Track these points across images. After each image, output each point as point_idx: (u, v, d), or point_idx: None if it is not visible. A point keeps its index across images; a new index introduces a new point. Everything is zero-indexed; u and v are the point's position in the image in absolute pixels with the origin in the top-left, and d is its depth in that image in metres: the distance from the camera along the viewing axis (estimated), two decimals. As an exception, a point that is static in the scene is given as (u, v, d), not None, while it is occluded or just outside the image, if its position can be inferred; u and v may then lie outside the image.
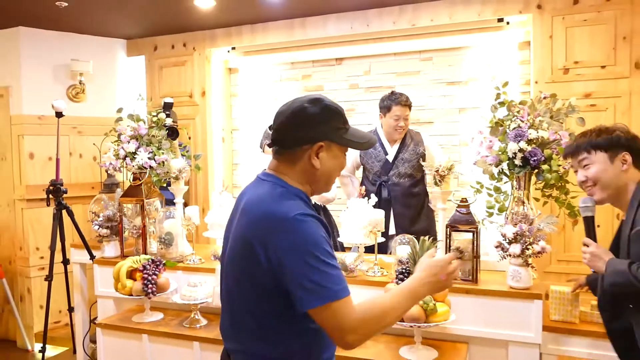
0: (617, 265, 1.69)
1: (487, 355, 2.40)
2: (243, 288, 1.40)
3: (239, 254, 1.40)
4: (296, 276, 1.28)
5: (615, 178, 1.78)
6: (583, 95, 3.36)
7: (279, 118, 1.45)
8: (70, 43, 4.42)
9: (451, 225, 2.43)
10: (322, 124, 1.41)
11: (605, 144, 1.79)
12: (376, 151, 3.44)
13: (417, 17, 3.78)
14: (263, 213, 1.36)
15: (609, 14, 3.29)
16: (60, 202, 3.40)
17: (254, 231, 1.35)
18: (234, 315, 1.46)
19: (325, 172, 1.45)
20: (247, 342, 1.43)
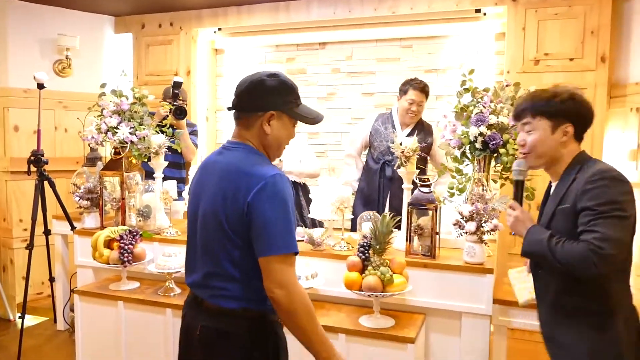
0: (536, 234, 1.68)
1: (442, 325, 2.55)
2: (222, 237, 1.57)
3: (219, 207, 1.56)
4: (266, 224, 1.49)
5: (552, 149, 1.72)
6: (552, 86, 3.48)
7: (239, 87, 1.63)
8: (58, 18, 4.48)
9: (412, 203, 2.57)
10: (276, 96, 1.60)
11: (550, 112, 1.70)
12: (387, 131, 3.52)
13: (397, 4, 3.89)
14: (243, 172, 1.55)
15: (579, 8, 3.42)
16: (42, 173, 3.49)
17: (236, 187, 1.54)
18: (210, 263, 1.62)
19: (275, 138, 1.64)
20: (224, 285, 1.59)
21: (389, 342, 2.33)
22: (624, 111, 3.50)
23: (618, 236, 1.54)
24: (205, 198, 1.63)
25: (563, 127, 1.69)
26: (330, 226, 2.88)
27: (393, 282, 2.32)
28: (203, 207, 1.63)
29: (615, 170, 1.64)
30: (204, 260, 1.64)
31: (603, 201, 1.56)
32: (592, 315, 1.65)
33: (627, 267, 1.68)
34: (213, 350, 1.62)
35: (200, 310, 1.65)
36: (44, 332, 3.87)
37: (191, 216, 1.71)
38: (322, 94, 4.52)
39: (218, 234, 1.58)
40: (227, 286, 1.59)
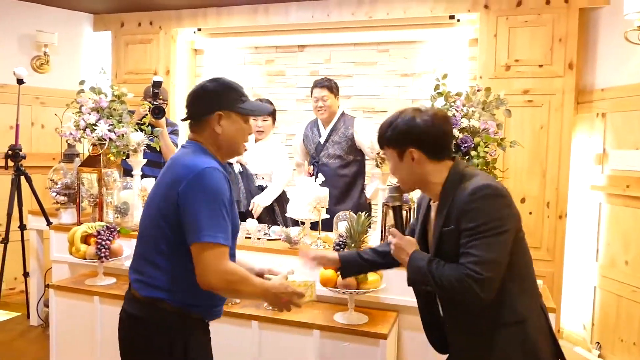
0: (417, 261, 1.61)
1: (414, 322, 2.60)
2: (154, 224, 1.66)
3: (158, 197, 1.68)
4: (191, 213, 1.56)
5: (408, 174, 1.66)
6: (522, 92, 3.62)
7: (187, 98, 1.76)
8: (37, 14, 4.46)
9: (386, 203, 2.65)
10: (220, 97, 1.71)
11: (390, 140, 1.65)
12: (313, 134, 3.67)
13: (374, 9, 3.97)
14: (181, 164, 1.66)
15: (548, 17, 3.55)
16: (19, 168, 3.47)
17: (173, 178, 1.63)
18: (142, 248, 1.72)
19: (228, 137, 1.73)
20: (147, 271, 1.67)
21: (363, 337, 2.40)
22: (590, 116, 3.64)
23: (493, 257, 1.48)
24: (153, 188, 1.76)
25: (407, 152, 1.61)
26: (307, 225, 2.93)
27: (367, 280, 2.39)
28: (148, 202, 1.74)
29: (491, 183, 1.56)
30: (139, 245, 1.74)
31: (481, 222, 1.49)
32: (503, 328, 1.57)
33: (527, 273, 1.63)
34: (125, 333, 1.72)
35: (128, 294, 1.76)
36: (17, 327, 3.85)
37: (143, 211, 1.83)
38: (300, 96, 4.58)
39: (152, 221, 1.67)
40: (151, 274, 1.66)
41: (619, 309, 3.38)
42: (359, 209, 3.14)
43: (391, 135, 1.64)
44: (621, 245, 3.38)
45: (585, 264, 3.68)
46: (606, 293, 3.50)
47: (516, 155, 3.60)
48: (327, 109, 3.55)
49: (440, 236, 1.61)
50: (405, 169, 1.65)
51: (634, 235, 3.28)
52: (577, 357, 3.57)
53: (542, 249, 3.62)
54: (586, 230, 3.70)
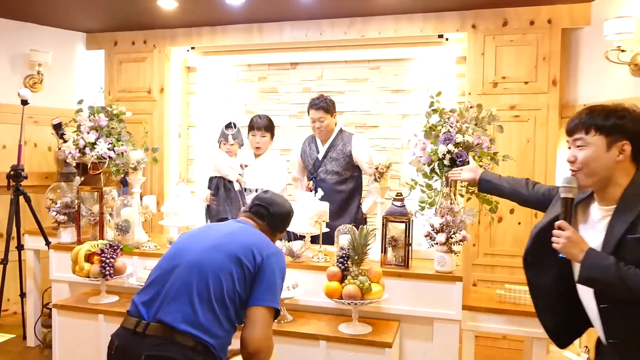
0: (598, 259, 1.56)
1: (415, 331, 2.72)
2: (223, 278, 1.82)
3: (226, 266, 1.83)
4: (271, 280, 1.85)
5: (605, 167, 1.60)
6: (509, 107, 3.77)
7: (275, 206, 2.15)
8: (30, 33, 4.49)
9: (386, 216, 2.75)
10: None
11: (606, 127, 1.58)
12: (311, 150, 3.75)
13: (366, 29, 4.11)
14: (257, 239, 1.97)
15: (532, 36, 3.73)
16: (18, 188, 3.49)
17: (249, 251, 1.88)
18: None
19: None
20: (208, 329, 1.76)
21: (368, 347, 2.48)
22: (573, 131, 3.81)
23: None
24: (205, 248, 1.88)
25: (620, 144, 1.58)
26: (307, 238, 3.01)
27: (371, 291, 2.48)
28: (200, 255, 1.86)
29: None
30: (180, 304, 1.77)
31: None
32: None
33: None
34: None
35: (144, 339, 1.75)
36: (14, 349, 3.81)
37: (176, 256, 1.91)
38: (293, 112, 4.68)
39: (222, 274, 1.81)
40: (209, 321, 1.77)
41: (606, 315, 3.52)
42: (356, 224, 3.23)
43: (614, 123, 1.58)
44: (607, 253, 3.53)
45: (573, 271, 3.82)
46: (593, 299, 3.64)
47: (505, 168, 3.72)
48: (324, 129, 3.63)
49: (620, 243, 1.55)
50: (605, 161, 1.60)
51: (619, 243, 3.42)
52: (568, 362, 3.69)
53: (531, 258, 3.75)
54: (573, 239, 3.84)
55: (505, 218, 3.81)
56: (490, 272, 3.85)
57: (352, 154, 3.62)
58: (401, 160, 4.37)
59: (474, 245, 3.88)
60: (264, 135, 3.68)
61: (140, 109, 4.57)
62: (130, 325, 1.78)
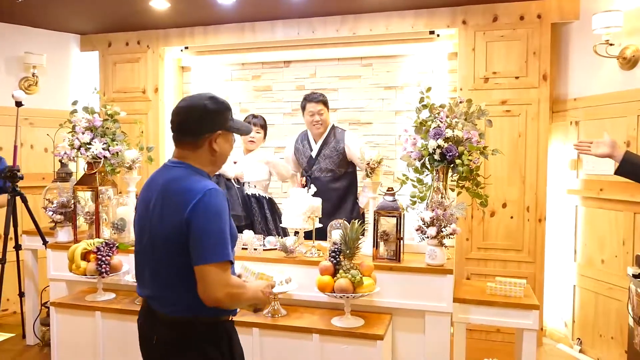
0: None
1: (407, 324, 2.76)
2: (167, 249, 1.70)
3: (166, 226, 1.68)
4: (198, 237, 1.63)
5: None
6: (500, 102, 3.81)
7: (181, 113, 1.76)
8: (24, 36, 4.52)
9: (378, 211, 2.78)
10: (220, 116, 1.77)
11: None
12: (304, 148, 3.77)
13: (357, 26, 4.14)
14: (181, 188, 1.69)
15: (522, 31, 3.76)
16: (15, 189, 3.52)
17: (176, 204, 1.67)
18: (160, 279, 1.75)
19: (222, 154, 1.81)
20: (164, 290, 1.74)
21: (360, 339, 2.52)
22: (564, 124, 3.85)
23: None
24: (151, 217, 1.74)
25: None
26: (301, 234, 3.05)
27: (363, 284, 2.52)
28: (150, 226, 1.74)
29: None
30: (155, 277, 1.76)
31: None
32: None
33: None
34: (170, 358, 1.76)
35: (155, 320, 1.78)
36: (14, 347, 3.85)
37: (139, 232, 1.84)
38: (287, 110, 4.71)
39: (166, 249, 1.69)
40: (178, 298, 1.73)
41: (597, 306, 3.57)
42: (354, 218, 3.27)
43: None
44: (597, 246, 3.58)
45: (565, 264, 3.87)
46: (585, 291, 3.68)
47: (496, 162, 3.78)
48: (323, 122, 3.66)
49: None
50: None
51: (609, 236, 3.47)
52: (560, 353, 3.73)
53: (523, 251, 3.80)
54: (564, 232, 3.89)
55: (497, 212, 3.85)
56: (483, 266, 3.89)
57: (345, 151, 3.65)
58: (395, 156, 4.40)
59: (468, 240, 3.92)
60: (259, 131, 3.73)
61: (135, 109, 4.61)
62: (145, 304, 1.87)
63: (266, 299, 1.86)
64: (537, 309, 2.64)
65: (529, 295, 2.77)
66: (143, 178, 4.41)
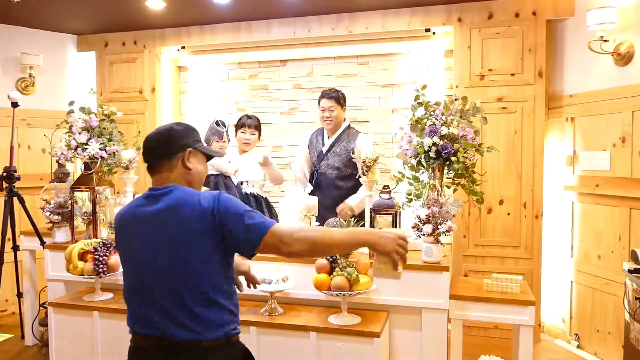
0: None
1: (404, 321, 2.77)
2: (190, 271, 1.63)
3: (184, 237, 1.63)
4: (239, 219, 1.64)
5: None
6: (496, 99, 3.82)
7: (152, 141, 1.78)
8: (21, 37, 4.52)
9: (374, 209, 2.79)
10: (187, 137, 1.81)
11: None
12: (317, 142, 3.75)
13: (353, 24, 4.15)
14: (189, 201, 1.66)
15: (518, 28, 3.77)
16: (12, 190, 3.53)
17: (190, 213, 1.64)
18: (176, 308, 1.64)
19: (197, 173, 1.82)
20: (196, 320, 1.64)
21: (357, 337, 2.52)
22: (560, 121, 3.86)
23: None
24: (151, 250, 1.66)
25: None
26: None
27: (359, 282, 2.53)
28: (153, 260, 1.66)
29: None
30: (167, 309, 1.65)
31: None
32: None
33: None
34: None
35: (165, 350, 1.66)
36: (13, 348, 3.86)
37: (134, 267, 1.73)
38: (284, 109, 4.72)
39: (186, 268, 1.62)
40: (202, 319, 1.64)
41: (594, 301, 3.58)
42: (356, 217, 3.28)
43: None
44: (593, 241, 3.59)
45: (562, 260, 3.88)
46: (582, 287, 3.69)
47: (493, 159, 3.79)
48: (333, 119, 3.63)
49: None
50: None
51: (605, 231, 3.48)
52: (558, 349, 3.75)
53: (520, 247, 3.81)
54: (561, 228, 3.90)
55: (494, 209, 3.86)
56: (481, 263, 3.90)
57: (354, 151, 3.64)
58: (392, 154, 4.41)
59: (465, 237, 3.93)
60: (254, 133, 3.73)
61: (132, 109, 4.63)
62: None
63: (385, 240, 1.69)
64: (533, 304, 2.64)
65: (525, 291, 2.78)
66: (140, 178, 4.47)
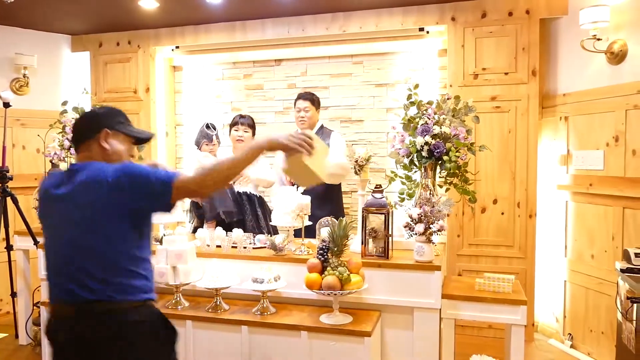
0: None
1: (396, 320, 2.77)
2: (101, 235, 1.69)
3: (97, 209, 1.68)
4: (143, 176, 1.69)
5: None
6: (490, 98, 3.81)
7: (76, 122, 1.89)
8: (15, 37, 4.52)
9: (366, 208, 2.79)
10: (107, 118, 1.86)
11: None
12: None
13: (347, 23, 4.15)
14: (93, 170, 1.71)
15: (511, 27, 3.77)
16: (5, 190, 3.53)
17: (97, 186, 1.68)
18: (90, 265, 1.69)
19: (115, 153, 1.84)
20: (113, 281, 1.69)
21: (348, 336, 2.52)
22: (554, 120, 3.86)
23: None
24: (67, 223, 1.71)
25: None
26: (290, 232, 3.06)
27: (350, 281, 2.52)
28: (69, 232, 1.71)
29: None
30: (80, 273, 1.68)
31: None
32: None
33: None
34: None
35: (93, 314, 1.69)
36: (7, 347, 3.86)
37: (52, 239, 1.78)
38: (279, 109, 4.72)
39: (100, 234, 1.68)
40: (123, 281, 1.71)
41: (587, 301, 3.58)
42: (337, 213, 3.30)
43: None
44: (587, 241, 3.59)
45: (555, 259, 3.88)
46: (575, 286, 3.69)
47: (486, 158, 3.79)
48: (307, 119, 3.75)
49: None
50: None
51: (598, 231, 3.48)
52: (552, 348, 3.75)
53: (514, 247, 3.81)
54: (555, 227, 3.90)
55: (488, 208, 3.86)
56: (475, 262, 3.90)
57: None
58: (386, 154, 4.40)
59: (459, 236, 3.93)
60: (247, 130, 3.75)
61: (126, 109, 4.49)
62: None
63: (285, 136, 1.89)
64: (525, 304, 2.64)
65: (517, 290, 2.78)
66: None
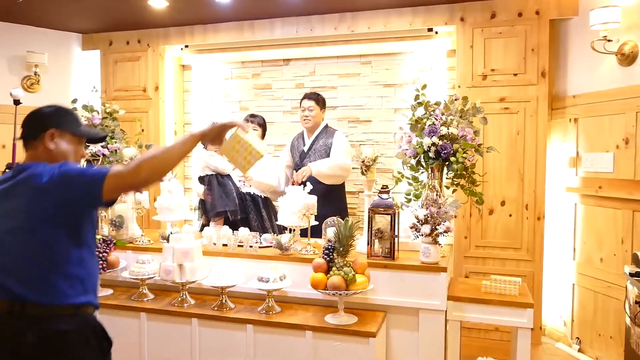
0: None
1: (401, 321, 2.76)
2: (33, 235, 1.66)
3: (31, 210, 1.66)
4: (78, 174, 1.66)
5: None
6: (498, 99, 3.79)
7: (24, 121, 1.83)
8: (26, 35, 4.56)
9: (372, 208, 2.78)
10: (54, 117, 1.81)
11: None
12: (298, 143, 3.96)
13: (355, 24, 4.14)
14: (40, 177, 1.67)
15: (520, 28, 3.74)
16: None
17: (38, 195, 1.66)
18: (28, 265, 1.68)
19: (60, 153, 1.79)
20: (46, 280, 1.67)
21: (353, 337, 2.52)
22: (563, 122, 3.83)
23: None
24: (7, 222, 1.69)
25: None
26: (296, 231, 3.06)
27: (356, 281, 2.52)
28: (9, 231, 1.68)
29: None
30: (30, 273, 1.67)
31: None
32: None
33: None
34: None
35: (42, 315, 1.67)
36: None
37: None
38: (287, 108, 4.72)
39: (37, 235, 1.65)
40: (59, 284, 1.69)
41: (595, 305, 3.54)
42: (340, 213, 3.31)
43: None
44: (595, 244, 3.55)
45: (564, 262, 3.85)
46: (583, 290, 3.66)
47: (495, 160, 3.76)
48: (312, 118, 3.84)
49: None
50: None
51: (607, 234, 3.45)
52: (559, 352, 3.72)
53: (522, 249, 3.78)
54: (563, 230, 3.86)
55: (496, 210, 3.84)
56: (482, 264, 3.88)
57: (332, 147, 3.81)
58: (393, 154, 4.38)
59: (466, 238, 3.90)
60: (256, 128, 3.79)
61: (136, 107, 4.65)
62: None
63: (220, 124, 1.84)
64: (532, 307, 2.63)
65: (524, 293, 2.76)
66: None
